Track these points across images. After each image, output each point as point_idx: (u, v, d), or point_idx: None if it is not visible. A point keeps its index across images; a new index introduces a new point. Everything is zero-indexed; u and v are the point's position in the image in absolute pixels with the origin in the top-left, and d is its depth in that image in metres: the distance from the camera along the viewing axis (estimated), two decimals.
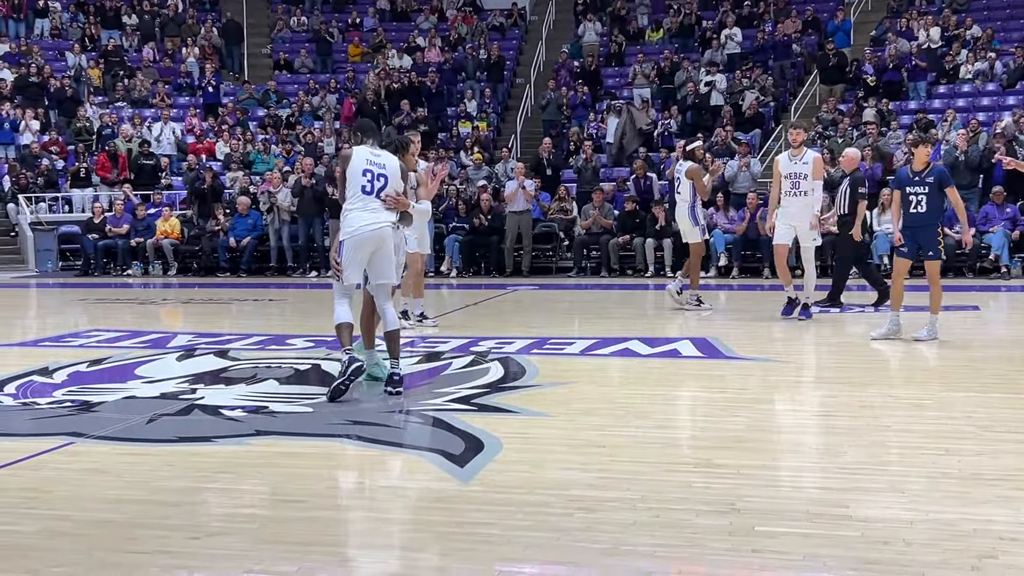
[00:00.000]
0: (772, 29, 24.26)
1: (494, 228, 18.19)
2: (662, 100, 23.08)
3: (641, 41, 26.09)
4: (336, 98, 24.44)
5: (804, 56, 23.81)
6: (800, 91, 22.81)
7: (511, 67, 26.49)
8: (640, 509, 4.61)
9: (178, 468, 5.46)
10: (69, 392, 7.58)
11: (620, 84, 24.52)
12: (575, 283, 16.59)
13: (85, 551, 4.19)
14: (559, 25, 27.76)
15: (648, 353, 9.14)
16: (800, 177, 11.16)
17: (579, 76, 24.08)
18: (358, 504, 4.77)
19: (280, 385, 7.77)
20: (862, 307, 12.87)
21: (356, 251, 7.43)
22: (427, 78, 24.11)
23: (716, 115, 21.54)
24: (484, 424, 6.33)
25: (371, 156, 7.54)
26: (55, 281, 19.29)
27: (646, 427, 6.23)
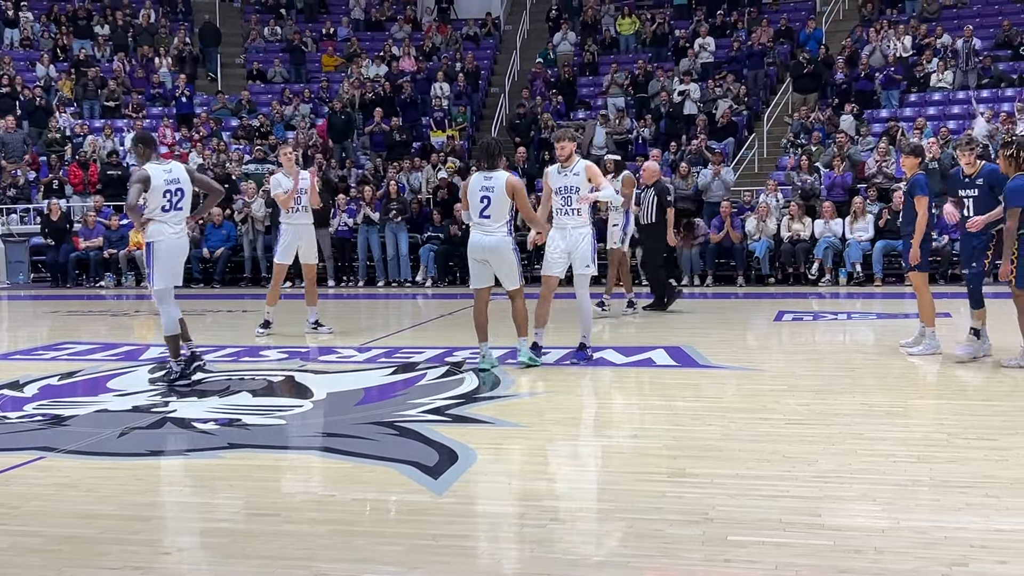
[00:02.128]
0: (745, 38, 24.40)
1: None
2: (636, 109, 23.15)
3: (615, 50, 26.18)
4: (310, 108, 24.38)
5: (777, 65, 23.97)
6: (773, 99, 22.95)
7: (486, 76, 26.51)
8: (614, 519, 4.62)
9: (149, 482, 5.42)
10: (40, 406, 7.52)
11: (594, 93, 24.58)
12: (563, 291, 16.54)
13: (55, 567, 4.16)
14: (533, 34, 27.83)
15: (623, 362, 9.15)
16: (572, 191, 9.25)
17: (553, 85, 24.14)
18: (331, 517, 4.75)
19: (253, 397, 7.74)
20: (835, 314, 12.95)
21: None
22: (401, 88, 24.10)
23: (690, 124, 21.64)
24: (458, 435, 6.32)
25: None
26: (26, 293, 19.13)
27: (620, 437, 6.24)
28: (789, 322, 12.20)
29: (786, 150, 20.77)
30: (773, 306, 13.90)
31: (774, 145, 21.68)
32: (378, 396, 8.01)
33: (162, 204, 8.22)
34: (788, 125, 21.33)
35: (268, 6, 29.38)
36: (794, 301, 14.42)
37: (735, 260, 17.15)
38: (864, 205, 16.79)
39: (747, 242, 17.02)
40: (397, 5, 29.06)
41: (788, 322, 12.20)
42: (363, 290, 18.21)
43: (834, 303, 14.64)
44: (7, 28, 27.51)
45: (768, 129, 21.93)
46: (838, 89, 21.98)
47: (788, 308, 13.39)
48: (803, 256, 16.76)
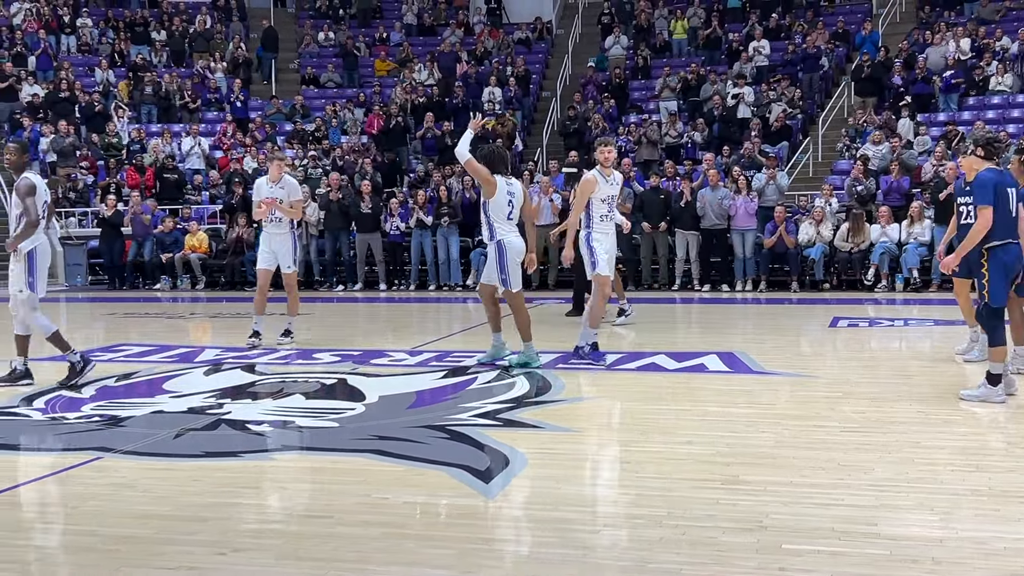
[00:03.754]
0: (801, 41, 24.20)
1: None
2: (688, 113, 23.06)
3: (667, 54, 26.08)
4: (363, 112, 24.57)
5: (832, 68, 23.73)
6: (828, 103, 22.73)
7: (537, 80, 26.54)
8: (666, 526, 4.59)
9: (205, 483, 5.49)
10: (97, 407, 7.65)
11: (646, 97, 24.52)
12: None
13: (111, 567, 4.22)
14: (585, 38, 27.81)
15: (674, 368, 9.12)
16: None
17: (605, 89, 24.09)
18: (383, 520, 4.78)
19: (306, 400, 7.81)
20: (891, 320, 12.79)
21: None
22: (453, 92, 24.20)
23: (743, 128, 21.49)
24: (510, 439, 6.33)
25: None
26: (84, 295, 19.46)
27: (672, 443, 6.20)
28: (844, 328, 12.06)
29: (841, 154, 20.55)
30: (828, 312, 13.75)
31: (829, 149, 21.47)
32: (429, 399, 8.05)
33: (42, 211, 8.58)
34: (843, 129, 21.11)
35: (322, 11, 29.66)
36: (849, 307, 14.25)
37: (789, 265, 16.99)
38: (921, 210, 16.56)
39: (801, 247, 16.85)
40: (449, 10, 29.19)
41: (843, 328, 12.06)
42: (414, 294, 18.30)
43: (890, 309, 14.45)
44: (64, 34, 28.03)
45: (823, 133, 21.71)
46: (895, 92, 21.71)
47: (843, 314, 13.24)
48: (859, 262, 16.55)
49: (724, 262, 17.28)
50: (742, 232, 16.93)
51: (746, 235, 16.95)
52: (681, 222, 17.31)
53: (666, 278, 17.61)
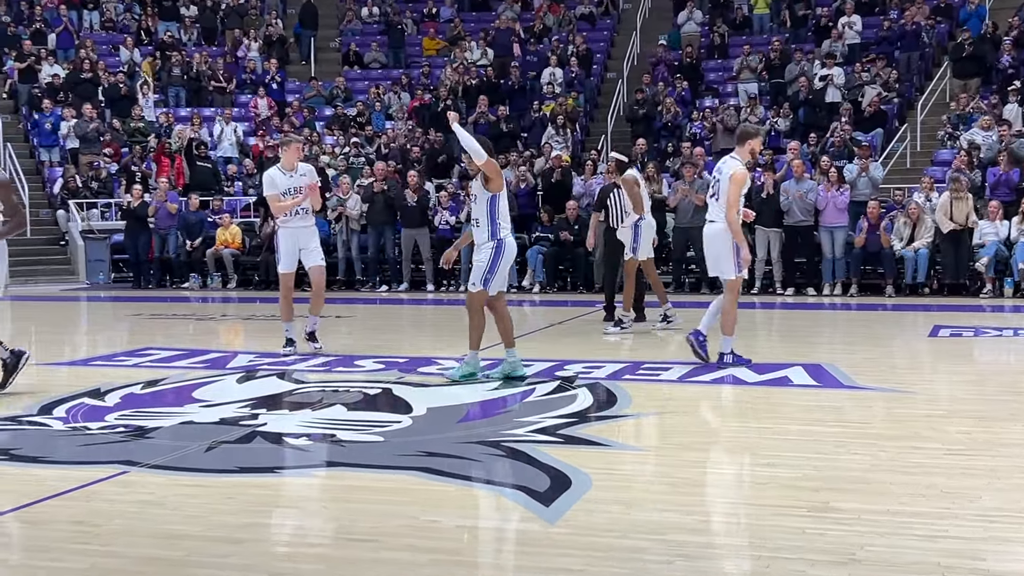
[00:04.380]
0: (898, 17, 23.92)
1: (581, 240, 18.15)
2: (771, 96, 22.89)
3: (747, 31, 25.93)
4: (410, 95, 24.71)
5: (933, 46, 23.42)
6: (928, 85, 22.43)
7: (601, 60, 26.50)
8: (748, 557, 4.57)
9: (239, 501, 5.55)
10: (122, 416, 7.76)
11: (723, 79, 24.40)
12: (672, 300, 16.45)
13: None
14: (655, 14, 27.72)
15: (755, 380, 9.06)
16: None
17: (677, 70, 23.99)
18: (433, 545, 4.79)
19: (348, 411, 7.87)
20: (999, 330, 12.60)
21: None
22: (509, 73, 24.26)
23: (832, 113, 21.28)
24: (571, 458, 6.32)
25: None
26: (107, 294, 19.80)
27: (753, 464, 6.17)
28: (946, 338, 11.91)
29: (943, 143, 20.28)
30: (928, 319, 13.58)
31: (929, 137, 21.19)
32: (482, 413, 8.08)
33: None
34: (945, 114, 20.83)
35: None
36: (952, 314, 14.07)
37: (883, 267, 16.79)
38: None
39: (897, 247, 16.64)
40: None
41: (945, 338, 11.91)
42: (464, 295, 18.31)
43: (998, 317, 14.24)
44: (87, 10, 28.47)
45: (922, 119, 21.44)
46: (1003, 74, 21.36)
47: (945, 322, 13.07)
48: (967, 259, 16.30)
49: (810, 263, 17.14)
50: (831, 229, 16.78)
51: (835, 233, 16.79)
52: (762, 218, 17.10)
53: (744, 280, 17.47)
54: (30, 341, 13.83)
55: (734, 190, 9.48)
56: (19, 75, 25.61)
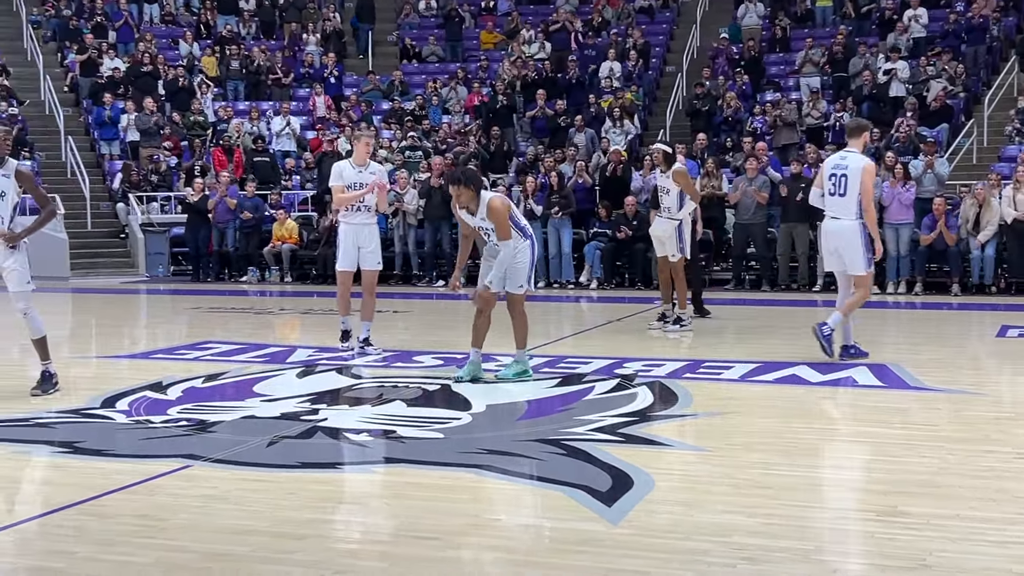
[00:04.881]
0: (964, 10, 23.58)
1: (640, 235, 18.07)
2: (834, 90, 22.67)
3: (809, 23, 25.68)
4: (467, 89, 24.75)
5: (1001, 40, 23.06)
6: (996, 80, 22.10)
7: (660, 54, 26.38)
8: (814, 561, 4.54)
9: (301, 497, 5.60)
10: (184, 410, 7.87)
11: (785, 72, 24.20)
12: (733, 297, 16.39)
13: None
14: (715, 6, 27.52)
15: (819, 381, 8.99)
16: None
17: (738, 64, 23.83)
18: (496, 544, 4.81)
19: (407, 407, 7.91)
20: None
21: None
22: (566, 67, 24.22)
23: (897, 107, 21.04)
24: (633, 458, 6.32)
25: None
26: (166, 287, 20.04)
27: (819, 467, 6.13)
28: (1014, 338, 11.74)
29: (1011, 139, 19.98)
30: (995, 319, 13.40)
31: (996, 133, 20.88)
32: (542, 410, 8.08)
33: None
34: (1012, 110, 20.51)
35: None
36: (1020, 314, 13.85)
37: (949, 265, 16.56)
38: None
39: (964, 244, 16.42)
40: None
41: (1013, 338, 11.74)
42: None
43: None
44: (147, 3, 28.79)
45: (989, 114, 21.13)
46: None
47: (1013, 322, 12.87)
48: None
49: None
50: (896, 227, 16.57)
51: (900, 230, 16.59)
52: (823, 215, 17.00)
53: (806, 278, 17.34)
54: (91, 334, 14.08)
55: (869, 181, 9.63)
56: (80, 68, 26.00)
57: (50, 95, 25.46)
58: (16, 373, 10.28)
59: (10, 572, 4.52)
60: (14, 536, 5.01)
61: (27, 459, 6.58)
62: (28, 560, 4.65)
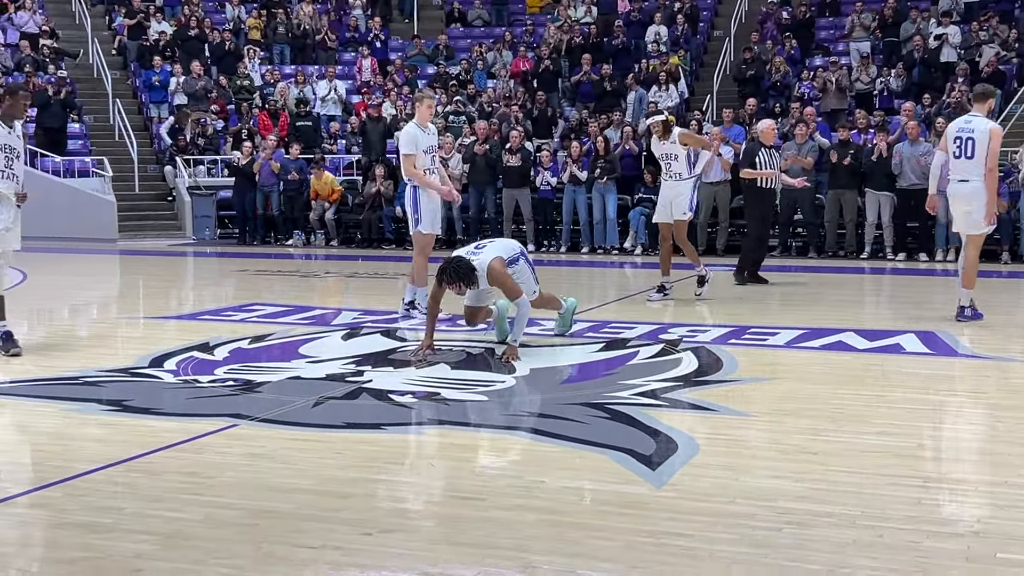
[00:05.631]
0: None
1: None
2: (884, 55, 22.36)
3: None
4: (512, 53, 24.64)
5: None
6: None
7: (708, 18, 26.12)
8: (860, 527, 4.51)
9: (347, 457, 5.64)
10: (231, 370, 7.93)
11: (835, 37, 23.91)
12: (779, 264, 16.27)
13: (252, 542, 4.38)
14: None
15: (866, 347, 8.91)
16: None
17: (787, 28, 23.55)
18: (540, 505, 4.82)
19: (452, 370, 7.93)
20: None
21: None
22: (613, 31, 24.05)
23: (948, 73, 20.73)
24: (677, 422, 6.31)
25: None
26: (213, 250, 20.18)
27: (865, 433, 6.07)
28: None
29: None
30: None
31: None
32: (586, 375, 8.09)
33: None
34: None
35: None
36: None
37: (1000, 232, 16.31)
38: None
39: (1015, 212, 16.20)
40: None
41: None
42: (565, 256, 18.34)
43: None
44: None
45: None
46: None
47: None
48: None
49: (923, 227, 16.76)
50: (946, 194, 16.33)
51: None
52: (873, 181, 16.84)
53: (854, 244, 17.19)
54: (138, 295, 14.23)
55: (996, 143, 9.91)
56: (128, 32, 26.13)
57: (98, 58, 25.64)
58: (65, 332, 10.42)
59: (61, 526, 4.59)
60: (63, 492, 5.07)
61: (76, 416, 6.65)
62: (77, 516, 4.71)
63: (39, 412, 6.83)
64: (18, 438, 6.39)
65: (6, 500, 5.01)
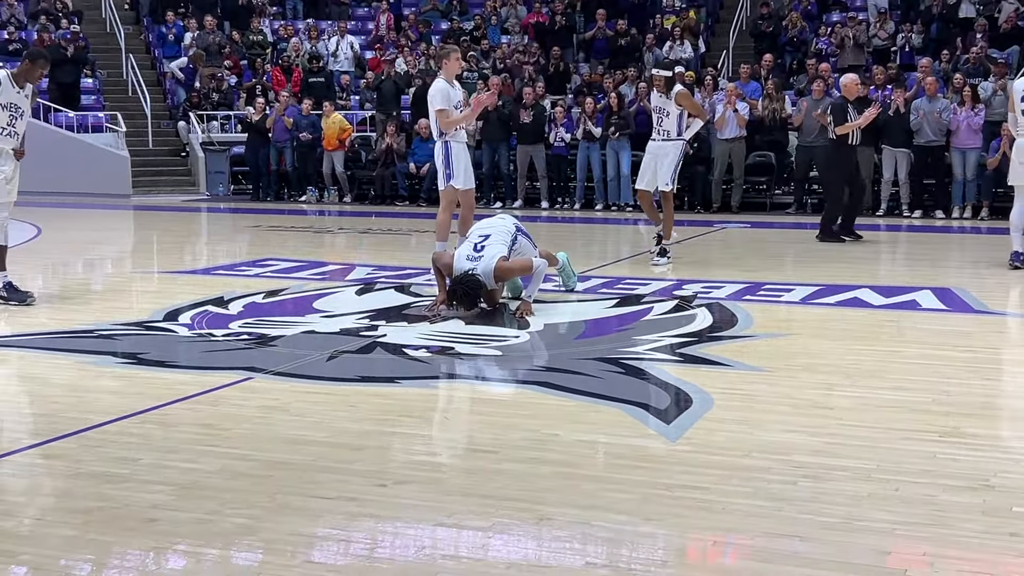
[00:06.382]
0: None
1: (701, 157, 17.89)
2: (902, 11, 22.12)
3: None
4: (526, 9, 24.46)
5: None
6: None
7: None
8: (876, 480, 4.50)
9: (361, 410, 5.65)
10: (245, 324, 7.94)
11: None
12: (794, 221, 16.22)
13: (267, 493, 4.39)
14: None
15: (881, 304, 8.89)
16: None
17: None
18: (554, 458, 4.82)
19: (466, 325, 7.92)
20: None
21: None
22: None
23: (967, 29, 20.50)
24: (692, 377, 6.30)
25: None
26: (226, 206, 20.17)
27: (880, 388, 6.05)
28: None
29: None
30: None
31: None
32: (600, 330, 8.07)
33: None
34: None
35: None
36: None
37: None
38: None
39: None
40: None
41: None
42: (579, 213, 18.28)
43: None
44: None
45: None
46: None
47: None
48: None
49: (940, 184, 16.65)
50: (963, 151, 16.24)
51: (968, 154, 16.25)
52: (890, 138, 16.69)
53: (869, 201, 17.06)
54: (153, 250, 14.24)
55: None
56: None
57: (111, 12, 25.53)
58: (80, 286, 10.44)
59: (76, 476, 4.61)
60: (79, 443, 5.09)
61: (92, 369, 6.67)
62: (93, 466, 4.73)
63: (54, 364, 6.85)
64: (33, 390, 6.40)
65: (21, 450, 5.04)
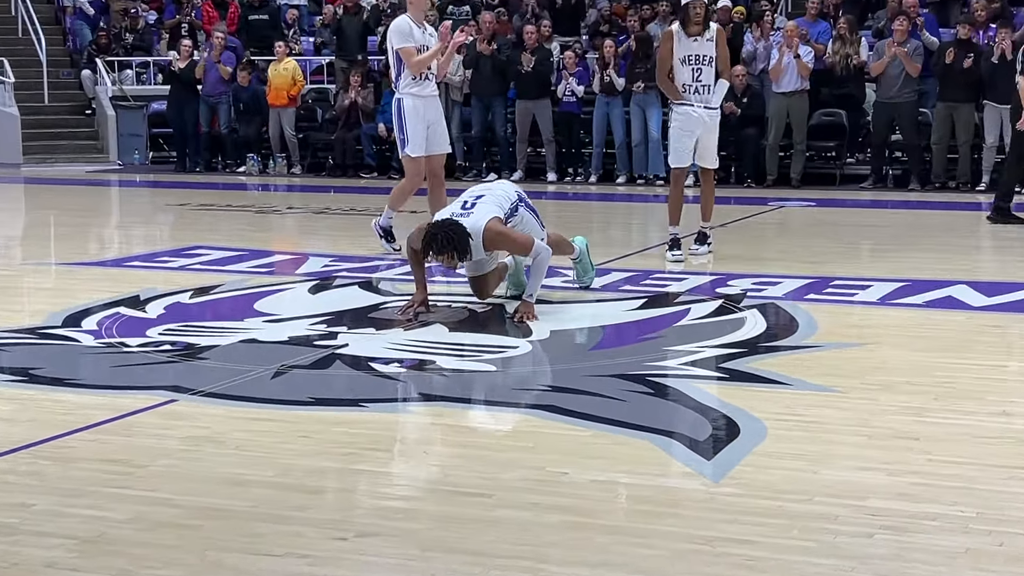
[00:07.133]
0: None
1: (752, 116, 17.89)
2: None
3: None
4: None
5: None
6: None
7: None
8: (975, 532, 4.52)
9: (316, 441, 5.66)
10: (167, 331, 7.97)
11: None
12: (872, 198, 16.26)
13: (194, 549, 4.39)
14: None
15: (981, 305, 8.93)
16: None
17: None
18: (562, 504, 4.83)
19: (450, 332, 7.94)
20: None
21: None
22: None
23: None
24: (740, 399, 6.32)
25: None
26: (144, 178, 20.23)
27: (981, 413, 6.09)
28: None
29: None
30: None
31: None
32: (622, 339, 8.13)
33: None
34: None
35: None
36: None
37: None
38: None
39: None
40: None
41: None
42: (596, 188, 18.32)
43: None
44: None
45: None
46: None
47: None
48: None
49: None
50: None
51: None
52: (994, 92, 16.71)
53: (968, 174, 17.11)
54: (49, 235, 14.25)
55: None
56: None
57: None
58: None
59: None
60: None
61: None
62: None
63: None
64: None
65: None
